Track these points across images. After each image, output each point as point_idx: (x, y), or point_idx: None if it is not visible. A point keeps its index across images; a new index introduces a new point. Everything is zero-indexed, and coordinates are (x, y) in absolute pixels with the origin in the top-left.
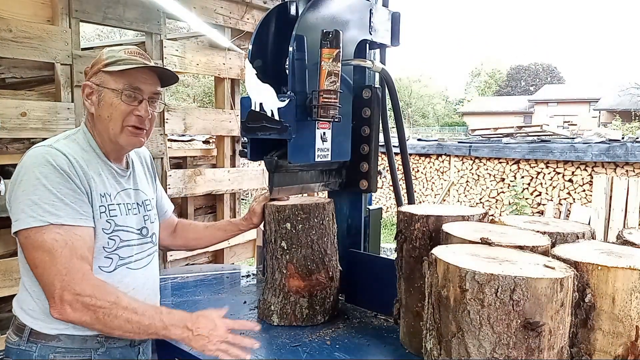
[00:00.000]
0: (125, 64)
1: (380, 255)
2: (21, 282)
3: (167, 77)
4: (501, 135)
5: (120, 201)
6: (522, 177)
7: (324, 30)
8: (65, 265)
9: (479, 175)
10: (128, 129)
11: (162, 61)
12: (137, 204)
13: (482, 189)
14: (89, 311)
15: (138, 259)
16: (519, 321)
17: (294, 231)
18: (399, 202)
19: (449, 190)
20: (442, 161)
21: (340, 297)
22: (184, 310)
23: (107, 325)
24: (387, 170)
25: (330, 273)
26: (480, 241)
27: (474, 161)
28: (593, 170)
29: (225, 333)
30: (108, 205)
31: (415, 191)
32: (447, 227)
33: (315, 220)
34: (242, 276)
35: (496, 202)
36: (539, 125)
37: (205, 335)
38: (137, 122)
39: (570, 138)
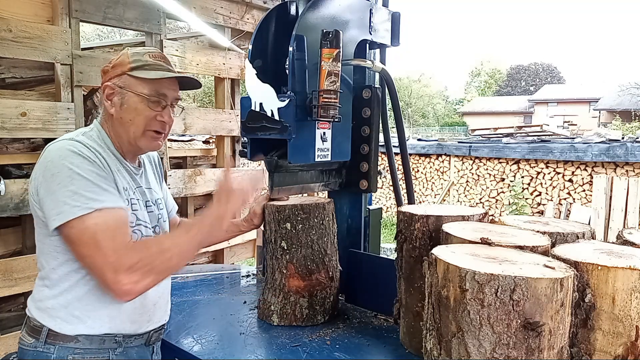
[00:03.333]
0: (153, 70)
1: (380, 255)
2: (37, 282)
3: (186, 82)
4: (501, 135)
5: (139, 197)
6: (522, 177)
7: (324, 30)
8: (111, 247)
9: (479, 175)
10: (149, 133)
11: None
12: (152, 202)
13: (482, 189)
14: (147, 273)
15: None
16: (519, 321)
17: (294, 231)
18: (399, 202)
19: (449, 190)
20: (442, 161)
21: (340, 297)
22: (202, 214)
23: (168, 268)
24: (387, 170)
25: (330, 273)
26: (480, 241)
27: (474, 161)
28: (593, 170)
29: (230, 185)
30: (130, 199)
31: (415, 191)
32: (447, 227)
33: (315, 220)
34: (242, 276)
35: (496, 202)
36: (539, 125)
37: (233, 202)
38: (159, 127)
39: (570, 138)
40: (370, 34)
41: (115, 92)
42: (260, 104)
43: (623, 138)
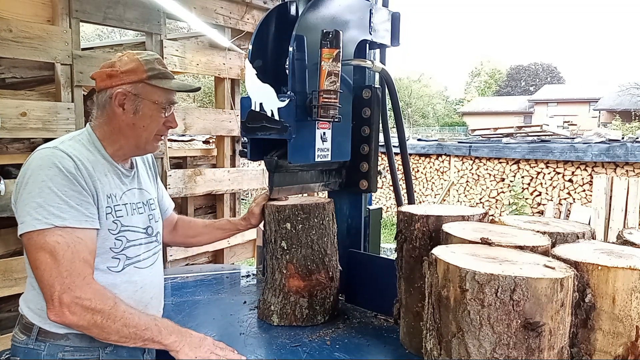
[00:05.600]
0: (165, 78)
1: (380, 255)
2: (28, 282)
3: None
4: (501, 135)
5: (127, 201)
6: (522, 177)
7: (324, 30)
8: (67, 268)
9: (479, 175)
10: (156, 137)
11: None
12: (143, 203)
13: (482, 189)
14: (87, 314)
15: (145, 258)
16: (519, 321)
17: (294, 231)
18: (399, 202)
19: (449, 190)
20: (442, 161)
21: (340, 297)
22: (180, 332)
23: (104, 329)
24: (387, 170)
25: (330, 273)
26: (480, 241)
27: (474, 161)
28: (593, 170)
29: (213, 346)
30: (114, 206)
31: (415, 191)
32: (447, 227)
33: (315, 220)
34: (242, 276)
35: (496, 202)
36: (538, 125)
37: (195, 346)
38: (166, 131)
39: (570, 138)
40: (370, 34)
41: (127, 98)
42: (260, 104)
43: (623, 138)
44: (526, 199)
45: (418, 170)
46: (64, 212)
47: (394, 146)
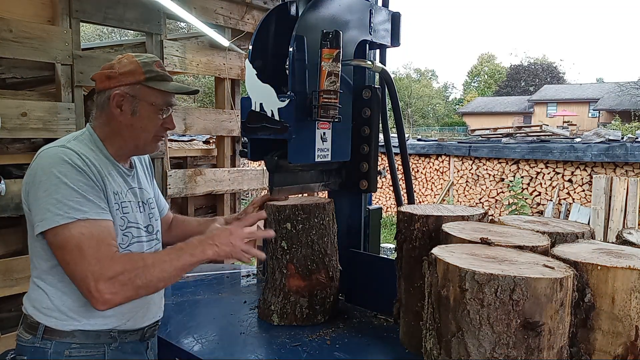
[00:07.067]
0: (164, 80)
1: (380, 255)
2: (32, 282)
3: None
4: (501, 136)
5: (131, 199)
6: (522, 177)
7: (324, 31)
8: (94, 256)
9: (478, 176)
10: (156, 138)
11: (162, 61)
12: (143, 202)
13: (482, 189)
14: (128, 286)
15: None
16: (519, 321)
17: (294, 231)
18: (399, 202)
19: (448, 190)
20: (442, 161)
21: (340, 297)
22: (194, 237)
23: (149, 285)
24: (387, 170)
25: (330, 273)
26: (480, 241)
27: (473, 161)
28: (593, 171)
29: (243, 233)
30: (121, 202)
31: (415, 191)
32: (446, 227)
33: (315, 220)
34: (243, 276)
35: (496, 202)
36: (538, 126)
37: (228, 243)
38: (165, 132)
39: (570, 138)
40: (370, 35)
41: (125, 99)
42: (261, 104)
43: (623, 138)
44: (526, 199)
45: (418, 171)
46: (83, 206)
47: (393, 146)
